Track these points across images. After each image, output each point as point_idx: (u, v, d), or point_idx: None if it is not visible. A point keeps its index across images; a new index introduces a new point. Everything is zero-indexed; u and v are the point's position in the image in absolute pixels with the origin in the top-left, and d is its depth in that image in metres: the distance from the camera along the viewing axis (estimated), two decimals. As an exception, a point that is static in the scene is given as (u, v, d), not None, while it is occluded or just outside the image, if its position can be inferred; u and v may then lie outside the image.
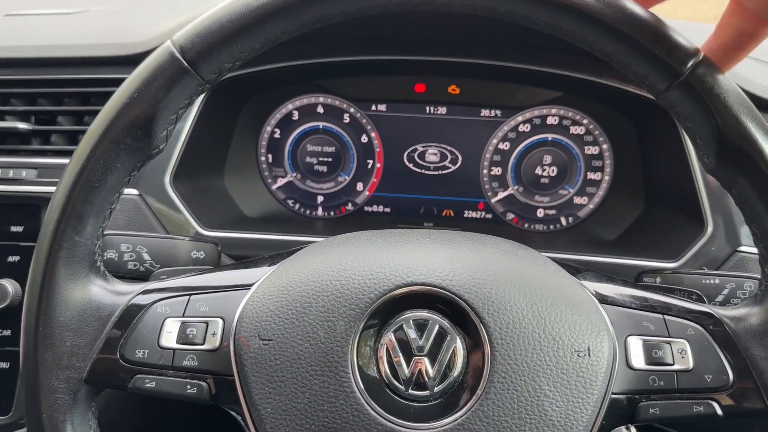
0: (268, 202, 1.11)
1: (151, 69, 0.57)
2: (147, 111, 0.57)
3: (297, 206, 1.12)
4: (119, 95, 0.58)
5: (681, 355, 0.58)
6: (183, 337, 0.59)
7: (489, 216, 1.11)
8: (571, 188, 1.09)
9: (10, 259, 0.87)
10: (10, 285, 0.85)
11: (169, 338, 0.59)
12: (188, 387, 0.59)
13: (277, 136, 1.10)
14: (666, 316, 0.60)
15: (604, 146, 1.07)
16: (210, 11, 0.57)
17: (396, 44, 1.00)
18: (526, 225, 1.11)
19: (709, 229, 0.88)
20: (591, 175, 1.08)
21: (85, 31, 1.05)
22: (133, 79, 0.57)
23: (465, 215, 1.11)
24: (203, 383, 0.59)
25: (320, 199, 1.12)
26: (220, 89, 0.61)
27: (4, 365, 0.85)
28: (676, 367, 0.58)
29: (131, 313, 0.60)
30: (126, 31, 1.00)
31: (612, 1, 0.55)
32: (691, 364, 0.58)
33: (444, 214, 1.12)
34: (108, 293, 0.61)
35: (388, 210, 1.12)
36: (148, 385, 0.59)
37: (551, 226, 1.10)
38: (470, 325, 0.56)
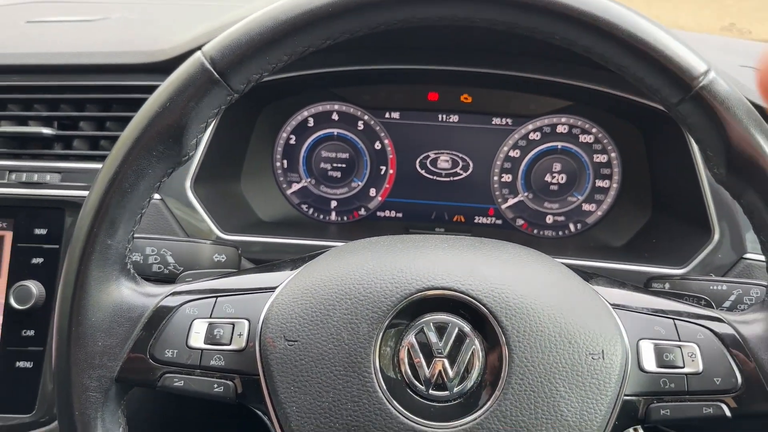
0: (282, 206, 1.14)
1: (183, 79, 0.59)
2: (178, 120, 0.59)
3: (311, 211, 1.15)
4: (151, 104, 0.60)
5: (691, 359, 0.60)
6: (210, 338, 0.61)
7: (499, 222, 1.13)
8: (580, 195, 1.11)
9: (34, 261, 0.89)
10: (34, 286, 0.86)
11: (197, 338, 0.61)
12: (215, 386, 0.61)
13: (292, 142, 1.13)
14: (676, 321, 0.62)
15: (613, 154, 1.09)
16: (239, 24, 0.59)
17: (410, 53, 1.02)
18: (535, 231, 1.13)
19: (716, 236, 0.90)
20: (599, 183, 1.10)
21: (106, 38, 1.07)
22: (164, 88, 0.60)
23: (476, 221, 1.13)
24: (230, 382, 0.61)
25: (334, 204, 1.14)
26: (239, 96, 0.63)
27: (28, 365, 0.88)
28: (686, 370, 0.60)
29: (160, 315, 0.62)
30: (146, 39, 1.03)
31: (627, 18, 0.57)
32: (700, 367, 0.60)
33: (455, 219, 1.14)
34: (138, 295, 0.63)
35: (400, 215, 1.14)
36: (176, 383, 0.61)
37: (560, 232, 1.12)
38: (488, 328, 0.58)
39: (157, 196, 0.91)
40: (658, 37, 0.57)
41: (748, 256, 0.88)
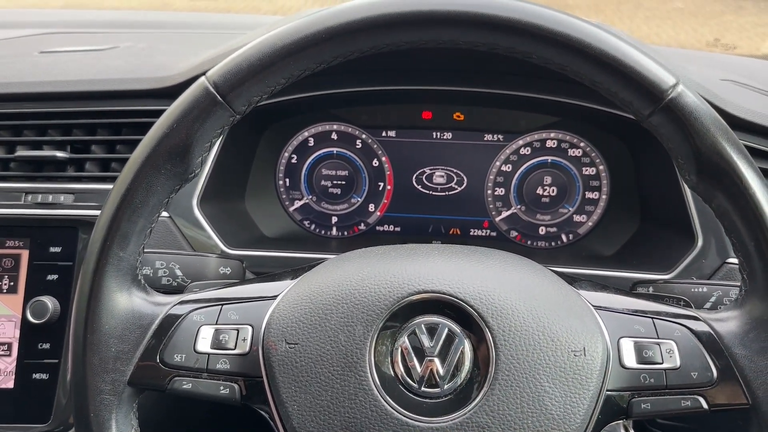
0: (285, 223, 1.18)
1: (188, 102, 0.63)
2: (185, 140, 0.63)
3: (313, 227, 1.19)
4: (159, 125, 0.64)
5: (669, 355, 0.64)
6: (216, 343, 0.65)
7: (494, 234, 1.17)
8: (571, 207, 1.15)
9: (50, 277, 0.94)
10: (49, 302, 0.91)
11: (204, 344, 0.65)
12: (221, 388, 0.65)
13: (294, 161, 1.17)
14: (655, 320, 0.66)
15: (601, 167, 1.13)
16: (240, 51, 0.64)
17: (404, 75, 1.07)
18: (528, 242, 1.17)
19: (699, 243, 0.93)
20: (589, 195, 1.14)
21: (115, 66, 1.12)
22: (172, 111, 0.64)
23: (471, 233, 1.17)
24: (235, 385, 0.65)
25: (334, 219, 1.19)
26: (243, 118, 0.67)
27: (44, 376, 0.91)
28: (664, 365, 0.63)
29: (170, 322, 0.66)
30: (154, 66, 1.08)
31: (598, 36, 0.61)
32: (678, 363, 0.63)
33: (451, 232, 1.18)
34: (148, 304, 0.67)
35: (398, 229, 1.18)
36: (185, 386, 0.65)
37: (553, 243, 1.16)
38: (476, 328, 0.62)
39: (165, 214, 0.96)
40: (628, 54, 0.61)
41: (730, 260, 0.91)
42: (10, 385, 0.92)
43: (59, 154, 0.99)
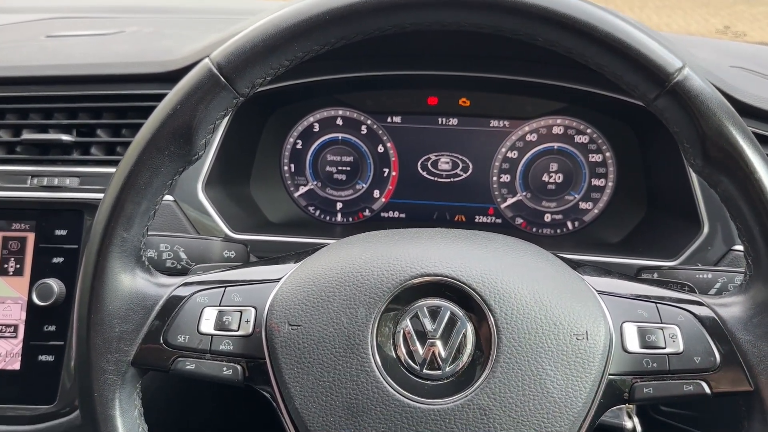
0: (290, 208, 1.18)
1: (192, 84, 0.63)
2: (188, 121, 0.63)
3: (317, 212, 1.19)
4: (163, 107, 0.64)
5: (672, 339, 0.63)
6: (220, 324, 0.65)
7: (499, 221, 1.17)
8: (577, 194, 1.14)
9: (55, 260, 0.94)
10: (55, 284, 0.91)
11: (208, 325, 0.65)
12: (224, 369, 0.65)
13: (299, 146, 1.17)
14: (659, 305, 0.66)
15: (608, 154, 1.12)
16: (243, 32, 0.64)
17: (410, 60, 1.06)
18: (534, 229, 1.16)
19: (705, 229, 0.93)
20: (595, 182, 1.13)
21: (121, 50, 1.12)
22: (175, 92, 0.64)
23: (476, 220, 1.17)
24: (238, 366, 0.65)
25: (339, 205, 1.19)
26: (248, 103, 0.67)
27: (49, 358, 0.92)
28: (667, 350, 0.63)
29: (173, 303, 0.66)
30: (159, 50, 1.08)
31: (604, 19, 0.61)
32: (681, 348, 0.63)
33: (456, 219, 1.17)
34: (152, 285, 0.67)
35: (403, 216, 1.18)
36: (188, 367, 0.65)
37: (558, 230, 1.16)
38: (478, 311, 0.62)
39: (170, 198, 0.96)
40: (633, 36, 0.61)
41: (736, 247, 0.91)
42: (17, 366, 0.93)
43: (65, 137, 0.99)
